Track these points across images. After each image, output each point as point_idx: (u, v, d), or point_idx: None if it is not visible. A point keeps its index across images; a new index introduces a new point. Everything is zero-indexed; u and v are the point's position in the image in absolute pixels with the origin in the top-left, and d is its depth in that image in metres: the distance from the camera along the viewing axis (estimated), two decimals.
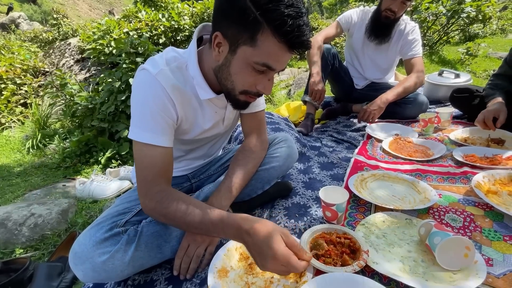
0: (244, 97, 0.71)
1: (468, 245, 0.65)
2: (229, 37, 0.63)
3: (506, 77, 1.39)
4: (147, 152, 0.69)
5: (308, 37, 0.61)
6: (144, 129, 0.69)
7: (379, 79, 1.93)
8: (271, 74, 0.68)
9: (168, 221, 0.69)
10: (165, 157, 0.71)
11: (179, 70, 0.73)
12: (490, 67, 3.53)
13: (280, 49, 0.61)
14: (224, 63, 0.67)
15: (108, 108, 1.91)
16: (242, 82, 0.67)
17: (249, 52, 0.62)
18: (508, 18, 6.74)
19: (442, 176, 1.10)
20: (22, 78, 3.29)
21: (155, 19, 3.52)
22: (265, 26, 0.58)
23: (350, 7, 6.13)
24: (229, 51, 0.65)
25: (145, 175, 0.69)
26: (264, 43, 0.60)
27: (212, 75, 0.73)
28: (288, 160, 1.00)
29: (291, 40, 0.60)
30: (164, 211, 0.68)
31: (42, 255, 1.03)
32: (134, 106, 0.71)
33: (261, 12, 0.57)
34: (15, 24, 9.55)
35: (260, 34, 0.59)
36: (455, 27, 4.41)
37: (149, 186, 0.69)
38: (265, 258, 0.57)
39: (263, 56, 0.62)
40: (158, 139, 0.69)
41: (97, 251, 0.66)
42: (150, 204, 0.69)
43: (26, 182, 1.68)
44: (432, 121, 1.52)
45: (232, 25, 0.61)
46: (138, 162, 0.70)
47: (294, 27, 0.58)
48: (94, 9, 19.33)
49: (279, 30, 0.58)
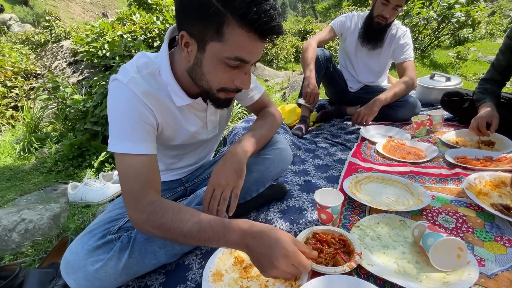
0: (223, 94, 0.68)
1: (461, 246, 0.66)
2: (195, 35, 0.60)
3: (494, 81, 1.43)
4: (129, 162, 0.65)
5: (278, 22, 0.57)
6: (123, 140, 0.65)
7: (372, 82, 1.96)
8: (246, 67, 0.65)
9: (163, 233, 0.64)
10: (150, 165, 0.67)
11: (152, 76, 0.70)
12: (479, 70, 3.61)
13: (250, 39, 0.58)
14: (196, 63, 0.64)
15: (102, 111, 1.89)
16: (217, 80, 0.64)
17: (218, 47, 0.59)
18: (496, 23, 6.93)
19: (435, 177, 1.11)
20: (13, 80, 3.24)
21: (150, 22, 3.51)
22: (229, 17, 0.55)
23: (344, 11, 6.22)
24: (198, 49, 0.62)
25: (131, 187, 0.65)
26: (232, 36, 0.57)
27: (186, 77, 0.70)
28: (282, 162, 1.00)
29: (259, 27, 0.56)
30: (159, 221, 0.63)
31: (32, 261, 1.00)
32: (111, 118, 0.67)
33: (222, 3, 0.54)
34: (6, 26, 9.41)
35: (226, 27, 0.56)
36: (446, 32, 4.51)
37: (138, 197, 0.65)
38: (276, 258, 0.55)
39: (233, 49, 0.59)
40: (139, 148, 0.66)
41: (89, 259, 0.64)
42: (141, 217, 0.64)
43: (17, 187, 1.65)
44: (424, 124, 1.54)
45: (195, 22, 0.58)
46: (122, 174, 0.66)
47: (260, 13, 0.54)
48: (88, 11, 19.18)
49: (245, 19, 0.55)
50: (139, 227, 0.66)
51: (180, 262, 0.82)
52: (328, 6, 11.18)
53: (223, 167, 0.78)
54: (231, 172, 0.77)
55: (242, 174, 0.78)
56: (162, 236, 0.66)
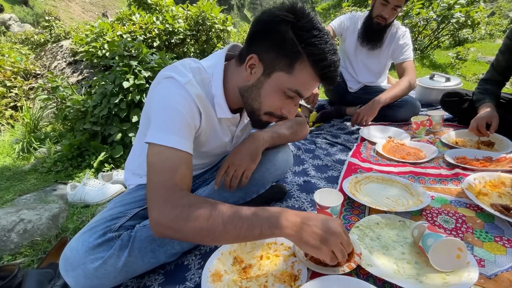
0: (267, 117, 0.73)
1: (461, 246, 0.65)
2: (265, 61, 0.66)
3: (494, 82, 1.43)
4: (169, 156, 0.63)
5: (338, 73, 0.67)
6: (169, 133, 0.64)
7: (372, 83, 1.96)
8: (297, 100, 0.72)
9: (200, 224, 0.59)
10: (188, 164, 0.66)
11: (203, 84, 0.73)
12: (479, 71, 3.61)
13: (313, 80, 0.66)
14: (255, 84, 0.69)
15: (101, 111, 1.88)
16: (270, 104, 0.70)
17: (284, 78, 0.65)
18: (496, 24, 6.93)
19: (434, 178, 1.11)
20: (13, 80, 3.23)
21: (149, 22, 3.50)
22: (304, 58, 0.63)
23: (343, 12, 6.22)
24: (262, 73, 0.67)
25: (165, 180, 0.62)
26: (301, 73, 0.64)
27: (234, 93, 0.74)
28: (283, 164, 1.00)
29: (326, 74, 0.65)
30: (196, 213, 0.59)
31: (31, 261, 1.00)
32: (160, 111, 0.66)
33: (304, 45, 0.62)
34: (5, 26, 9.40)
35: (299, 64, 0.63)
36: (445, 32, 4.51)
37: (171, 191, 0.61)
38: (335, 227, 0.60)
39: (296, 83, 0.66)
40: (184, 144, 0.65)
41: (89, 257, 0.64)
42: (172, 212, 0.59)
43: (16, 187, 1.64)
44: (424, 124, 1.54)
45: (271, 50, 0.65)
46: (157, 166, 0.63)
47: (331, 62, 0.63)
48: (87, 11, 19.17)
49: (318, 64, 0.63)
50: (165, 225, 0.60)
51: (179, 262, 0.82)
52: (328, 6, 11.20)
53: (241, 149, 0.87)
54: (246, 155, 0.86)
55: (256, 159, 0.87)
56: (195, 231, 0.59)
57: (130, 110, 1.91)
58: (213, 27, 3.78)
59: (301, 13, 0.63)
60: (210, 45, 3.96)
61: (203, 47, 3.97)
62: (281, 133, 0.97)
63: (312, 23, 0.63)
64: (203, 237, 0.61)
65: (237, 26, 15.93)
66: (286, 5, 0.64)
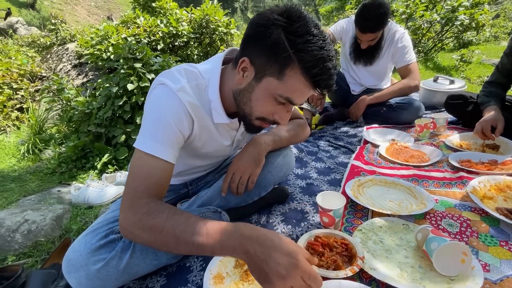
0: (259, 122, 0.72)
1: (465, 250, 0.65)
2: (257, 65, 0.64)
3: (499, 84, 1.42)
4: (147, 162, 0.64)
5: (333, 81, 0.63)
6: (154, 140, 0.65)
7: (375, 86, 1.96)
8: (290, 106, 0.69)
9: (153, 237, 0.59)
10: (164, 173, 0.66)
11: (199, 89, 0.71)
12: (484, 73, 3.58)
13: (305, 87, 0.63)
14: (247, 88, 0.67)
15: (105, 113, 1.90)
16: (261, 109, 0.68)
17: (274, 83, 0.63)
18: (500, 26, 6.88)
19: (439, 181, 1.10)
20: (19, 82, 3.28)
21: (154, 25, 3.54)
22: (295, 63, 0.60)
23: (347, 15, 6.22)
24: (254, 78, 0.65)
25: (137, 186, 0.63)
26: (291, 79, 0.61)
27: (230, 97, 0.72)
28: (285, 167, 1.00)
29: (318, 81, 0.62)
30: (151, 222, 0.59)
31: (35, 262, 1.01)
32: (149, 117, 0.67)
33: (295, 50, 0.59)
34: (12, 29, 9.54)
35: (289, 70, 0.61)
36: (449, 34, 4.48)
37: (138, 196, 0.62)
38: (285, 267, 0.49)
39: (287, 90, 0.63)
40: (164, 153, 0.65)
41: (92, 258, 0.65)
42: (133, 217, 0.60)
43: (21, 188, 1.66)
44: (427, 127, 1.53)
45: (262, 54, 0.62)
46: (133, 171, 0.64)
47: (324, 70, 0.60)
48: (93, 14, 19.41)
49: (309, 71, 0.60)
50: (127, 228, 0.61)
51: (181, 264, 0.82)
52: (331, 9, 11.19)
53: (244, 155, 0.88)
54: (250, 160, 0.86)
55: (260, 164, 0.88)
56: (150, 241, 0.60)
57: (134, 112, 1.93)
58: (216, 30, 3.80)
59: (295, 16, 0.59)
60: (213, 47, 3.98)
61: (207, 50, 3.99)
62: (283, 136, 0.97)
63: (306, 28, 0.59)
64: (159, 247, 0.62)
65: (240, 29, 15.97)
66: (280, 8, 0.61)
